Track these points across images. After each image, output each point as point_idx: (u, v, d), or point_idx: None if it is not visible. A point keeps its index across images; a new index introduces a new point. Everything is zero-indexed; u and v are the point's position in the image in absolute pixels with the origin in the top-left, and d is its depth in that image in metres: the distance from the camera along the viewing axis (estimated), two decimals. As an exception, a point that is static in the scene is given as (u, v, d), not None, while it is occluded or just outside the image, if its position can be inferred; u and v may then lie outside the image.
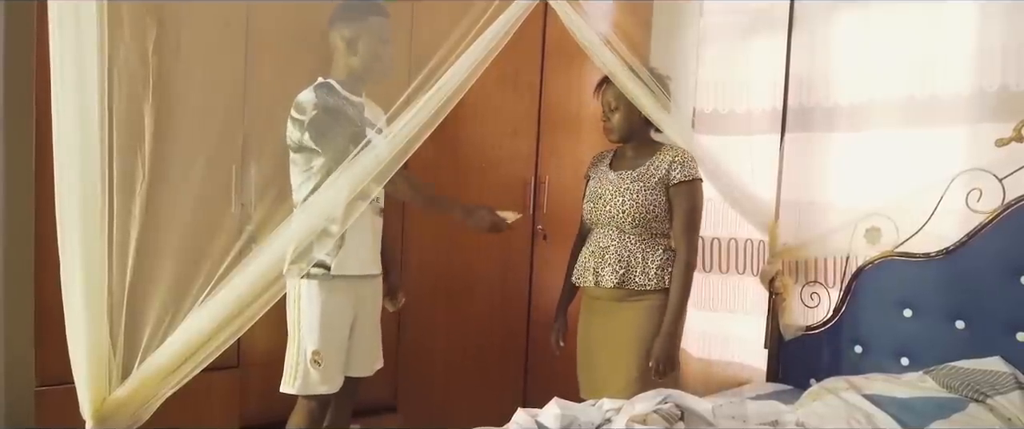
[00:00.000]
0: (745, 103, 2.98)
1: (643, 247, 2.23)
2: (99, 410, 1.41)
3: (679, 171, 2.21)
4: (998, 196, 2.22)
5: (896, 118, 2.49)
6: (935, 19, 2.39)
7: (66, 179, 1.36)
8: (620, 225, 2.24)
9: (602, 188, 2.31)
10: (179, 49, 1.99)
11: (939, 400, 2.01)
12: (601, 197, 2.30)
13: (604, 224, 2.29)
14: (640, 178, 2.24)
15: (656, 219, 2.23)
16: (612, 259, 2.24)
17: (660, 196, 2.22)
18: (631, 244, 2.24)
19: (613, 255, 2.24)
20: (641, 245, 2.23)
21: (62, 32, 1.33)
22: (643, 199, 2.21)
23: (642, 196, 2.21)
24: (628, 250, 2.23)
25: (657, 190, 2.22)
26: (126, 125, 1.50)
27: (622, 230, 2.25)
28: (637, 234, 2.24)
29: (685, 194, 2.21)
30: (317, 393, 2.15)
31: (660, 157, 2.25)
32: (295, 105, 2.06)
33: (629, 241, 2.24)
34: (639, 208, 2.21)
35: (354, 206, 1.86)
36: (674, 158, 2.23)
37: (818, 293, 2.71)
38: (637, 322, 2.22)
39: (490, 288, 2.99)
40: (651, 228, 2.23)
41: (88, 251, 1.38)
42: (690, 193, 2.22)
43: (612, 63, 2.17)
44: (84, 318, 1.38)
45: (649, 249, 2.23)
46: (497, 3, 1.81)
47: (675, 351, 2.21)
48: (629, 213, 2.22)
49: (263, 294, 1.58)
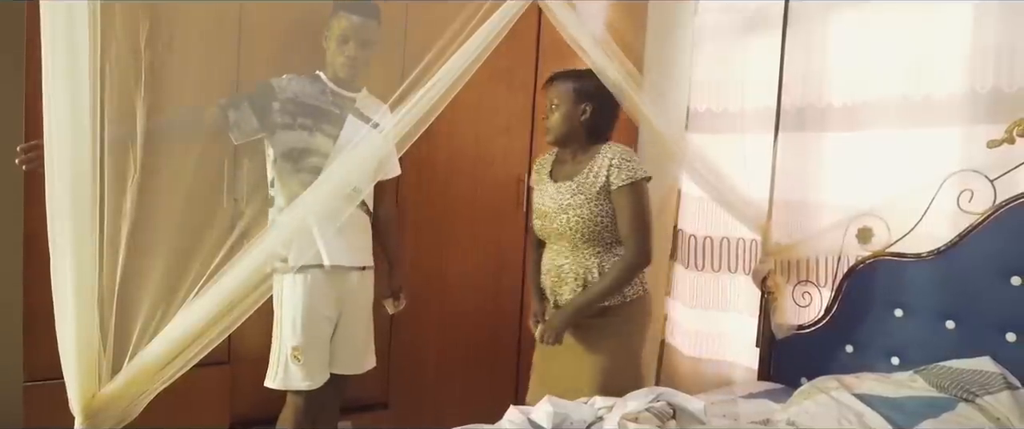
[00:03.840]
0: (739, 102, 2.98)
1: (599, 261, 2.13)
2: (88, 406, 1.41)
3: (618, 174, 2.07)
4: (989, 197, 2.22)
5: (889, 118, 2.49)
6: (929, 20, 2.39)
7: (57, 173, 1.35)
8: (571, 240, 2.14)
9: (545, 203, 2.20)
10: (171, 44, 1.98)
11: (929, 400, 2.01)
12: (546, 214, 2.19)
13: (556, 240, 2.20)
14: (581, 189, 2.12)
15: (607, 229, 2.12)
16: (569, 277, 2.15)
17: (605, 205, 2.10)
18: (586, 259, 2.13)
19: (569, 273, 2.15)
20: (597, 259, 2.13)
21: (54, 28, 1.32)
22: (587, 213, 2.10)
23: (586, 210, 2.10)
24: (584, 266, 2.13)
25: (600, 199, 2.10)
26: (117, 120, 1.50)
27: (575, 245, 2.14)
28: (591, 248, 2.13)
29: (627, 197, 2.08)
30: (299, 388, 2.15)
31: (597, 162, 2.12)
32: None
33: (584, 256, 2.14)
34: (585, 223, 2.10)
35: (340, 205, 1.87)
36: (611, 161, 2.09)
37: (810, 292, 2.72)
38: (601, 342, 2.14)
39: (482, 286, 2.99)
40: (604, 239, 2.13)
41: (78, 246, 1.37)
42: (633, 195, 2.08)
43: (602, 63, 2.17)
44: (74, 313, 1.37)
45: (607, 263, 2.13)
46: (490, 3, 1.81)
47: (564, 327, 2.11)
48: (577, 229, 2.11)
49: (254, 290, 1.58)
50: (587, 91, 2.15)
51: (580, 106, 2.16)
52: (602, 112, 2.19)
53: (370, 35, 2.19)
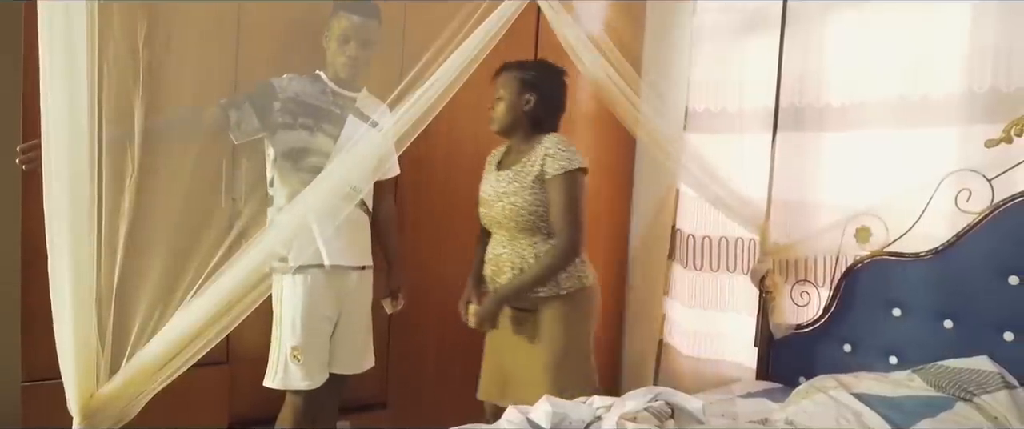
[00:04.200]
0: (737, 102, 2.98)
1: (536, 251, 2.13)
2: (86, 406, 1.40)
3: (551, 164, 2.09)
4: (987, 197, 2.23)
5: (887, 118, 2.50)
6: (927, 20, 2.39)
7: (54, 173, 1.35)
8: (509, 229, 2.16)
9: (486, 191, 2.24)
10: (169, 44, 1.98)
11: (927, 399, 2.02)
12: (485, 202, 2.23)
13: (496, 229, 2.22)
14: (516, 178, 2.14)
15: (542, 219, 2.12)
16: (506, 266, 2.16)
17: (540, 194, 2.11)
18: (523, 249, 2.14)
19: (507, 262, 2.16)
20: (533, 249, 2.14)
21: (52, 27, 1.31)
22: (521, 201, 2.11)
23: (520, 198, 2.11)
24: (521, 255, 2.14)
25: (535, 189, 2.11)
26: (115, 120, 1.50)
27: (512, 235, 2.16)
28: (528, 237, 2.14)
29: (559, 187, 2.08)
30: (298, 388, 2.15)
31: (535, 152, 2.13)
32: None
33: (521, 246, 2.15)
34: (519, 211, 2.11)
35: (339, 205, 1.87)
36: (547, 152, 2.11)
37: (808, 292, 2.72)
38: (541, 335, 2.15)
39: (481, 285, 2.98)
40: (540, 229, 2.14)
41: (76, 246, 1.36)
42: (565, 185, 2.08)
43: (595, 64, 2.17)
44: (72, 313, 1.37)
45: (542, 252, 2.13)
46: (488, 2, 1.81)
47: (493, 312, 2.14)
48: (511, 217, 2.13)
49: (252, 290, 1.58)
50: (531, 82, 2.17)
51: (524, 96, 2.18)
52: (546, 103, 2.21)
53: (371, 35, 2.19)
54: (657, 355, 3.33)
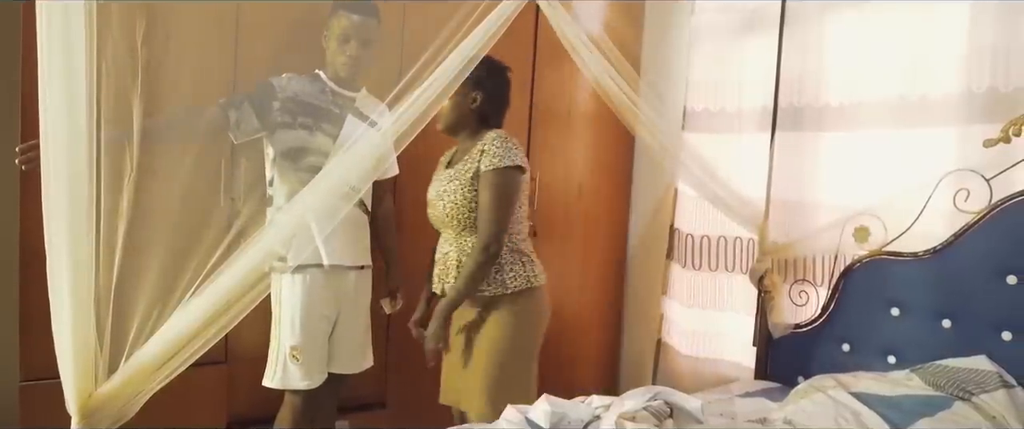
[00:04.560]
0: (736, 102, 2.99)
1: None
2: (85, 406, 1.41)
3: (486, 160, 2.06)
4: (985, 196, 2.23)
5: (886, 118, 2.50)
6: (926, 20, 2.39)
7: (53, 172, 1.35)
8: (453, 228, 2.14)
9: (430, 191, 2.23)
10: (168, 43, 1.98)
11: (926, 398, 2.02)
12: (430, 201, 2.21)
13: (442, 228, 2.20)
14: (456, 176, 2.12)
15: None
16: (453, 266, 2.14)
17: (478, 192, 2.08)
18: (467, 247, 2.12)
19: (453, 261, 2.14)
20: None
21: (50, 27, 1.31)
22: (460, 199, 2.09)
23: (459, 196, 2.09)
24: (466, 254, 2.11)
25: (473, 186, 2.08)
26: (114, 119, 1.50)
27: (457, 233, 2.14)
28: (471, 235, 2.11)
29: (488, 183, 2.05)
30: (297, 388, 2.15)
31: (474, 149, 2.11)
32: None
33: (466, 245, 2.12)
34: (458, 209, 2.09)
35: (338, 204, 1.87)
36: (484, 149, 2.08)
37: (807, 291, 2.72)
38: (485, 333, 2.12)
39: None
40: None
41: (75, 246, 1.36)
42: (494, 181, 2.05)
43: (595, 62, 2.17)
44: (70, 313, 1.37)
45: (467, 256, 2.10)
46: (487, 1, 1.81)
47: (440, 333, 2.09)
48: (453, 216, 2.11)
49: (251, 289, 1.58)
50: (477, 79, 2.10)
51: (470, 94, 2.16)
52: (491, 100, 2.19)
53: (370, 34, 2.19)
54: (656, 355, 3.33)
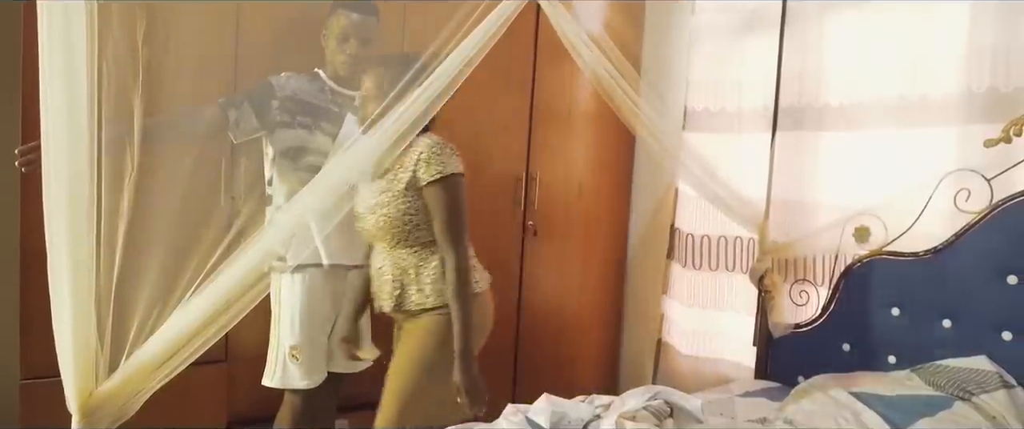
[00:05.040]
0: (736, 102, 2.98)
1: (416, 261, 1.97)
2: (85, 404, 1.41)
3: (425, 170, 1.90)
4: (986, 196, 2.23)
5: (886, 118, 2.50)
6: (926, 20, 2.39)
7: (54, 172, 1.35)
8: (387, 241, 1.98)
9: (358, 204, 2.02)
10: (168, 43, 1.98)
11: (926, 398, 2.02)
12: (359, 214, 2.02)
13: (375, 241, 2.04)
14: (388, 187, 1.94)
15: (418, 228, 1.94)
16: (387, 280, 2.00)
17: (414, 202, 1.93)
18: (403, 260, 1.98)
19: (387, 275, 2.00)
20: (413, 259, 1.97)
21: (51, 27, 1.31)
22: (393, 211, 1.92)
23: (392, 208, 1.93)
24: (400, 267, 1.98)
25: (408, 197, 1.92)
26: (114, 119, 1.50)
27: (391, 246, 1.99)
28: (407, 247, 1.97)
29: (437, 195, 1.91)
30: (297, 387, 2.15)
31: (407, 157, 1.93)
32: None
33: (400, 257, 1.98)
34: (393, 222, 1.93)
35: (339, 204, 1.87)
36: (420, 156, 1.91)
37: (807, 291, 2.72)
38: (412, 345, 2.01)
39: (480, 284, 2.98)
40: (419, 238, 1.96)
41: (75, 245, 1.37)
42: (444, 192, 1.91)
43: (595, 61, 2.17)
44: (71, 311, 1.37)
45: (423, 263, 1.97)
46: (487, 1, 1.81)
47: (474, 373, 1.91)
48: (386, 229, 1.95)
49: (251, 289, 1.58)
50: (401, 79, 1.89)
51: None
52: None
53: (370, 33, 2.19)
54: (656, 354, 3.33)
